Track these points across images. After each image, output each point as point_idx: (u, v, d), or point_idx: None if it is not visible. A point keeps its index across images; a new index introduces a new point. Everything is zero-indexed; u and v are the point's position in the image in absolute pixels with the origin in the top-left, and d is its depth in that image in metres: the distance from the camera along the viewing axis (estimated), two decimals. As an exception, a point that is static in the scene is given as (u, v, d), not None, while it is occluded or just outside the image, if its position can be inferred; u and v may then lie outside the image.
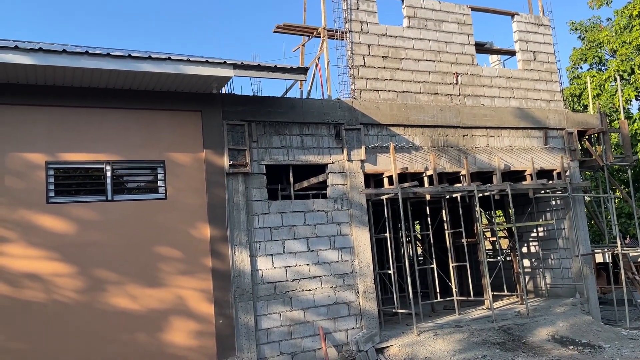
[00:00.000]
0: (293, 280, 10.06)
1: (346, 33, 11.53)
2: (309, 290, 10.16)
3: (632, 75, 19.09)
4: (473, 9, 13.22)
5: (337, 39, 11.57)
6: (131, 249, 8.87)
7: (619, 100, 16.52)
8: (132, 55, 8.19)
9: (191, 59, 8.59)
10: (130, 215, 8.96)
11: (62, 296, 8.37)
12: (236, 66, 8.86)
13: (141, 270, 8.89)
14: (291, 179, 10.72)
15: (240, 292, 9.48)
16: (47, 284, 8.31)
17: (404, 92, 11.96)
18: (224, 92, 10.65)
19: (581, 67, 23.26)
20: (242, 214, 9.73)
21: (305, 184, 11.14)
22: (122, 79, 8.65)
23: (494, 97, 13.02)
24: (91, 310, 8.49)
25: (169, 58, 8.37)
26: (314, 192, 11.39)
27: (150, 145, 9.26)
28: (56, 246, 8.42)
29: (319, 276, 10.31)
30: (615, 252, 13.82)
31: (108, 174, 8.93)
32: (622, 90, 18.28)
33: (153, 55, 8.35)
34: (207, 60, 8.61)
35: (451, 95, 12.47)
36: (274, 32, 13.25)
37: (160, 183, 9.30)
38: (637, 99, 20.94)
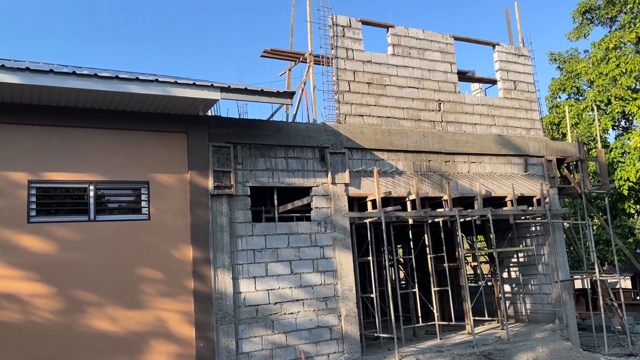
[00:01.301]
0: (275, 303, 10.02)
1: (332, 59, 11.75)
2: (291, 313, 10.13)
3: (609, 106, 19.63)
4: (456, 39, 13.58)
5: (323, 64, 11.77)
6: (112, 270, 8.78)
7: (596, 129, 16.96)
8: (120, 76, 8.24)
9: (178, 81, 8.67)
10: (113, 235, 8.90)
11: (41, 317, 8.22)
12: (223, 89, 8.96)
13: (122, 291, 8.79)
14: (275, 201, 10.76)
15: (222, 315, 9.41)
16: (25, 304, 8.17)
17: (388, 117, 12.16)
18: (210, 114, 10.73)
19: (560, 97, 23.85)
20: (225, 235, 9.72)
21: (289, 206, 11.19)
22: (109, 99, 8.68)
23: (475, 124, 13.30)
24: (70, 331, 8.34)
25: (157, 80, 8.44)
26: (298, 214, 11.43)
27: (135, 165, 9.25)
28: (36, 266, 8.31)
29: (302, 299, 10.28)
30: (594, 278, 14.02)
31: (91, 193, 8.88)
32: (599, 119, 18.76)
33: (140, 77, 8.41)
34: (194, 83, 8.69)
35: (434, 121, 12.71)
36: (262, 56, 13.43)
37: (143, 204, 9.27)
38: (613, 129, 21.49)
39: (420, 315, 12.93)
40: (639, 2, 20.09)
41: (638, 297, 24.09)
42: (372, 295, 11.62)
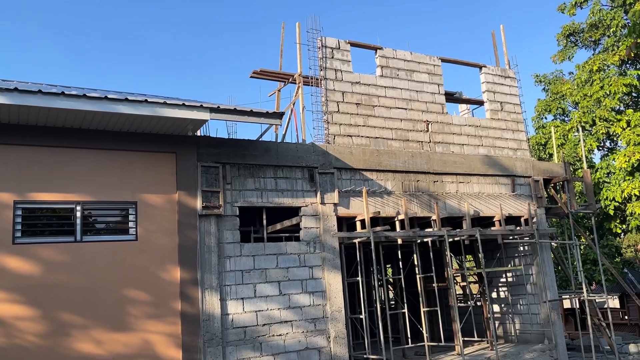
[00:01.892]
0: (264, 324, 9.92)
1: (321, 80, 11.85)
2: (280, 335, 10.03)
3: (594, 127, 19.96)
4: (443, 60, 13.78)
5: (312, 85, 11.87)
6: (98, 292, 8.66)
7: (581, 150, 17.21)
8: (109, 96, 8.23)
9: (168, 101, 8.68)
10: (99, 256, 8.80)
11: (24, 340, 8.06)
12: (212, 109, 8.98)
13: (108, 313, 8.66)
14: (264, 222, 10.73)
15: (209, 337, 9.29)
16: (8, 327, 8.01)
17: (377, 138, 12.24)
18: (199, 134, 10.74)
19: (546, 118, 24.21)
20: (213, 256, 9.66)
21: (278, 226, 11.16)
22: (98, 119, 8.66)
23: (463, 144, 13.43)
24: (54, 355, 8.18)
25: (146, 100, 8.44)
26: (286, 234, 11.40)
27: (123, 186, 9.20)
28: (20, 288, 8.17)
29: (290, 321, 10.20)
30: (582, 298, 14.08)
31: (78, 214, 8.80)
32: (584, 140, 19.06)
33: (130, 97, 8.42)
34: (183, 103, 8.71)
35: (422, 142, 12.82)
36: (251, 77, 13.51)
37: (131, 224, 9.20)
38: (598, 149, 21.83)
39: (409, 336, 12.86)
40: (622, 26, 20.58)
41: (626, 317, 24.18)
42: (361, 316, 11.55)
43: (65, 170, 8.83)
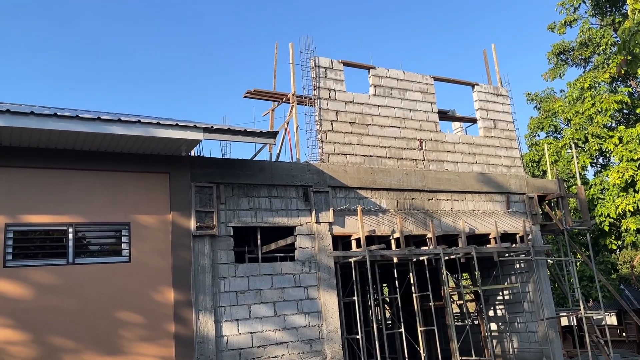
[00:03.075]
0: (259, 346, 9.78)
1: (315, 99, 11.90)
2: (275, 357, 9.88)
3: (586, 144, 20.09)
4: (436, 79, 13.89)
5: (306, 104, 11.91)
6: (90, 315, 8.53)
7: (575, 166, 17.29)
8: (102, 117, 8.22)
9: (161, 122, 8.68)
10: (92, 279, 8.69)
11: (13, 366, 7.90)
12: (206, 130, 8.98)
13: (100, 336, 8.52)
14: (259, 241, 10.65)
15: (203, 360, 9.14)
16: (-3, 352, 7.86)
17: (371, 156, 12.26)
18: (192, 154, 10.72)
19: (538, 135, 24.37)
20: (207, 277, 9.55)
21: (273, 246, 11.08)
22: (90, 141, 8.63)
23: (457, 162, 13.46)
24: (44, 381, 8.01)
25: (139, 121, 8.43)
26: (281, 254, 11.31)
27: (116, 207, 9.13)
28: (11, 312, 8.04)
29: (286, 342, 10.06)
30: (580, 315, 13.99)
31: (70, 236, 8.71)
32: (577, 157, 19.16)
33: (123, 118, 8.41)
34: (177, 124, 8.70)
35: (416, 160, 12.84)
36: (245, 97, 13.55)
37: (124, 246, 9.11)
38: (592, 166, 21.95)
39: (407, 356, 12.70)
40: (611, 44, 20.87)
41: (624, 334, 24.05)
42: (357, 337, 11.42)
43: (57, 192, 8.76)
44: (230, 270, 9.90)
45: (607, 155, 21.34)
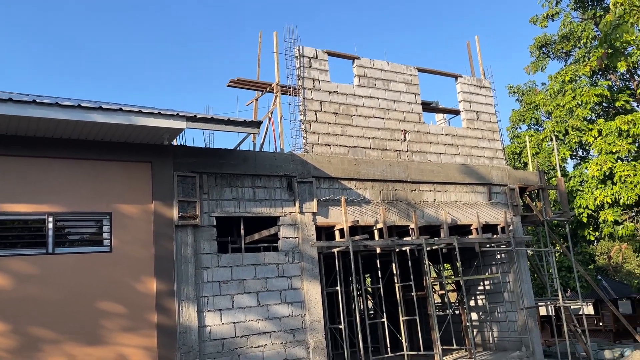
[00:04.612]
0: (242, 336, 9.78)
1: (299, 89, 11.85)
2: (258, 346, 9.90)
3: (567, 136, 20.35)
4: (420, 70, 13.92)
5: (290, 94, 11.85)
6: (71, 305, 8.44)
7: (555, 158, 17.52)
8: (82, 105, 8.08)
9: (143, 110, 8.56)
10: (72, 269, 8.58)
11: (-8, 357, 7.79)
12: (189, 118, 8.88)
13: (81, 327, 8.43)
14: (242, 232, 10.62)
15: (186, 350, 9.11)
16: (-25, 343, 7.73)
17: (355, 147, 12.27)
18: (175, 143, 10.61)
19: (520, 127, 24.62)
20: (190, 267, 9.50)
21: (256, 236, 11.05)
22: (71, 128, 8.49)
23: (440, 153, 13.54)
24: (23, 371, 7.92)
25: (120, 109, 8.31)
26: (265, 244, 11.29)
27: (97, 196, 9.01)
28: (-12, 302, 7.91)
29: (269, 332, 10.08)
30: (558, 305, 14.24)
31: (50, 225, 8.58)
32: (558, 149, 19.39)
33: (104, 106, 8.27)
34: (159, 112, 8.60)
35: (399, 151, 12.89)
36: (228, 86, 13.43)
37: (105, 235, 9.01)
38: (572, 158, 22.24)
39: (389, 345, 12.82)
40: (592, 38, 21.12)
41: (601, 323, 24.56)
42: (340, 326, 11.48)
43: (36, 181, 8.62)
44: (213, 261, 9.85)
45: (587, 147, 21.66)
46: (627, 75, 22.38)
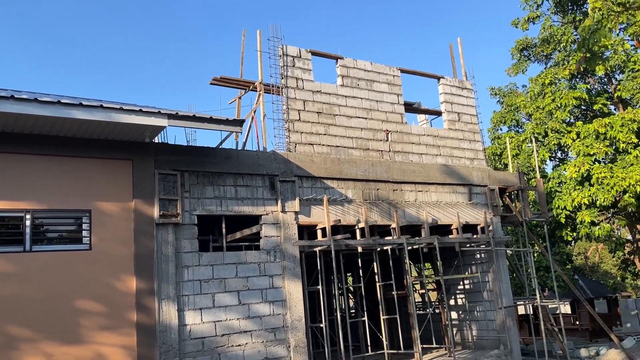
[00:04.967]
0: (222, 335, 9.76)
1: (282, 88, 11.84)
2: (239, 345, 9.88)
3: (546, 138, 20.64)
4: (402, 71, 14.01)
5: (273, 93, 11.84)
6: (49, 303, 8.33)
7: (534, 160, 17.78)
8: (62, 101, 7.98)
9: (124, 107, 8.48)
10: (50, 267, 8.47)
11: (-34, 356, 7.66)
12: (171, 116, 8.83)
13: (59, 326, 8.33)
14: (224, 230, 10.58)
15: (166, 349, 9.06)
16: (-51, 342, 7.59)
17: (338, 146, 12.31)
18: (156, 140, 10.53)
19: (501, 129, 24.90)
20: (171, 265, 9.45)
21: (238, 235, 11.03)
22: (50, 125, 8.37)
23: (422, 154, 13.65)
24: (-1, 371, 7.80)
25: (101, 106, 8.22)
26: (247, 243, 11.27)
27: (76, 193, 8.90)
28: (-37, 300, 7.77)
29: (250, 331, 10.07)
30: (536, 304, 14.47)
31: (27, 223, 8.45)
32: (537, 151, 19.68)
33: (84, 102, 8.18)
34: (140, 109, 8.53)
35: (382, 151, 12.96)
36: (211, 84, 13.37)
37: (84, 233, 8.91)
38: (551, 160, 22.57)
39: (369, 344, 12.91)
40: (572, 41, 21.46)
41: (577, 322, 24.98)
42: (321, 325, 11.52)
43: (14, 177, 8.48)
44: (194, 259, 9.81)
45: (565, 149, 22.01)
46: (605, 79, 22.80)
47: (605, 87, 23.05)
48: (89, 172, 9.09)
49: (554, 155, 22.30)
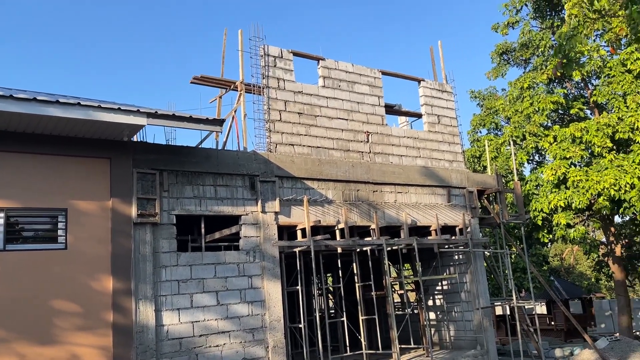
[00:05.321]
0: (200, 335, 9.70)
1: (263, 88, 11.82)
2: (217, 346, 9.84)
3: (524, 141, 20.95)
4: (383, 73, 14.10)
5: (254, 93, 11.82)
6: (23, 303, 8.19)
7: (513, 163, 18.04)
8: (38, 98, 7.85)
9: (102, 105, 8.39)
10: (25, 266, 8.33)
11: (-64, 357, 7.49)
12: (150, 115, 8.75)
13: (33, 326, 8.19)
14: (203, 230, 10.52)
15: (142, 349, 8.98)
16: None
17: (318, 147, 12.33)
18: (135, 139, 10.42)
19: (480, 132, 25.19)
20: (148, 265, 9.36)
21: (217, 235, 10.98)
22: (26, 122, 8.23)
23: (402, 155, 13.76)
24: (-30, 372, 7.65)
25: (79, 103, 8.11)
26: (226, 243, 11.23)
27: (53, 192, 8.77)
28: None
29: (228, 331, 10.03)
30: (512, 305, 14.68)
31: (1, 221, 8.30)
32: (515, 154, 19.96)
33: (61, 100, 8.06)
34: (119, 108, 8.44)
35: (362, 152, 13.02)
36: (191, 82, 13.28)
37: (60, 232, 8.78)
38: (528, 162, 22.92)
39: (348, 344, 12.95)
40: (550, 47, 21.82)
41: (552, 323, 25.40)
42: (300, 325, 11.53)
43: (-12, 175, 8.31)
44: (173, 259, 9.74)
45: (543, 153, 22.37)
46: (582, 84, 23.23)
47: (581, 92, 23.49)
48: (66, 170, 8.96)
49: (531, 158, 22.64)
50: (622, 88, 18.53)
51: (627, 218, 21.90)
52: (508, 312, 16.80)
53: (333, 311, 18.47)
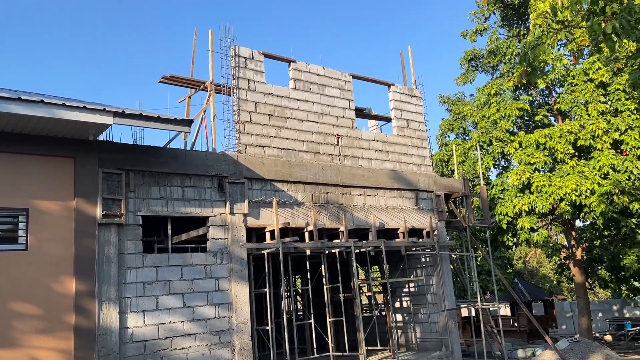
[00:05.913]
0: (166, 338, 9.57)
1: (233, 89, 11.76)
2: (183, 348, 9.72)
3: (490, 146, 21.39)
4: (354, 77, 14.20)
5: (224, 94, 11.74)
6: (-20, 306, 7.93)
7: (479, 167, 18.40)
8: None
9: (67, 103, 8.21)
10: (-18, 267, 8.07)
11: None
12: (116, 114, 8.60)
13: (-10, 329, 7.95)
14: (169, 231, 10.40)
15: (105, 352, 8.81)
16: None
17: (289, 149, 12.34)
18: (101, 138, 10.23)
19: (449, 136, 25.59)
20: (113, 267, 9.20)
21: (184, 236, 10.86)
22: (-14, 118, 7.99)
23: (371, 159, 13.87)
24: None
25: (42, 101, 7.92)
26: (193, 245, 11.11)
27: (13, 191, 8.53)
28: None
29: (194, 333, 9.93)
30: (477, 307, 14.96)
31: (-41, 220, 8.03)
32: (482, 158, 20.36)
33: (23, 97, 7.85)
34: (84, 106, 8.27)
35: (332, 155, 13.09)
36: (160, 82, 13.12)
37: (21, 232, 8.54)
38: (494, 167, 23.40)
39: (315, 346, 12.97)
40: (516, 54, 22.34)
41: (516, 324, 25.98)
42: (268, 328, 11.49)
43: (-55, 173, 8.04)
44: (138, 261, 9.59)
45: (508, 158, 22.85)
46: (546, 92, 23.86)
47: (546, 99, 24.11)
48: (28, 169, 8.73)
49: (497, 163, 23.11)
50: (584, 96, 19.11)
51: (588, 222, 22.60)
52: (473, 314, 17.11)
53: (301, 313, 18.46)
